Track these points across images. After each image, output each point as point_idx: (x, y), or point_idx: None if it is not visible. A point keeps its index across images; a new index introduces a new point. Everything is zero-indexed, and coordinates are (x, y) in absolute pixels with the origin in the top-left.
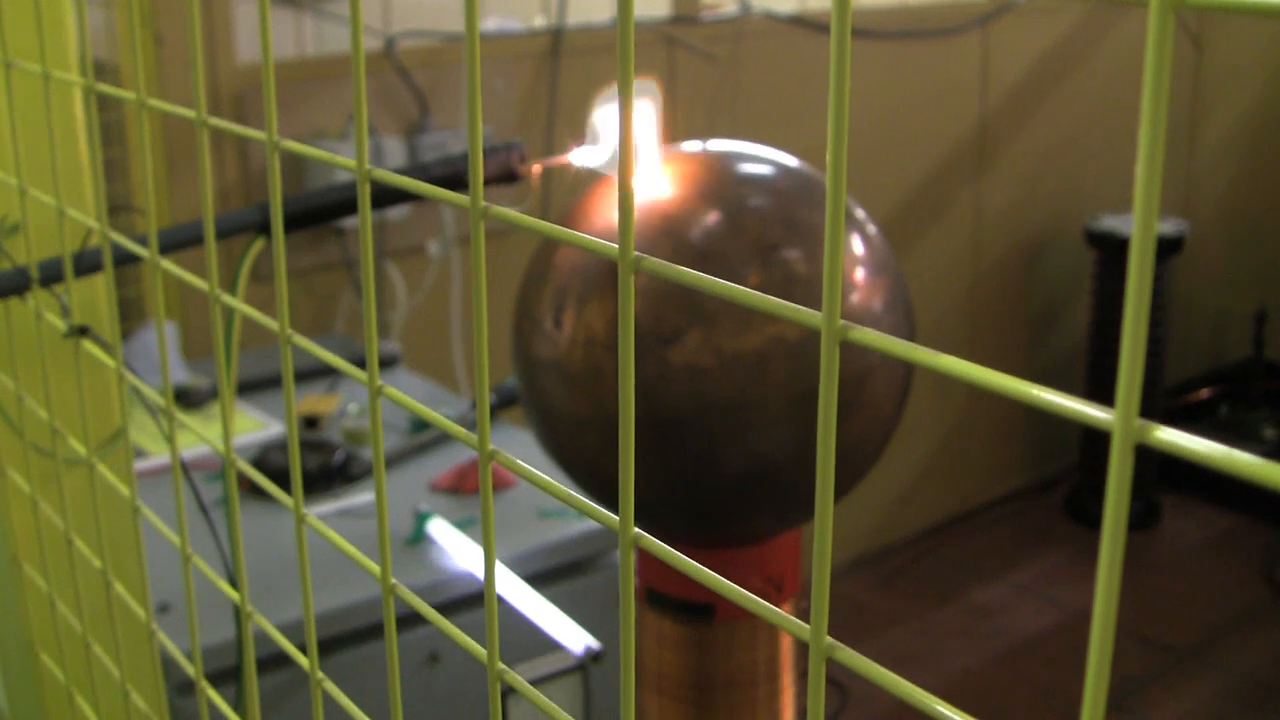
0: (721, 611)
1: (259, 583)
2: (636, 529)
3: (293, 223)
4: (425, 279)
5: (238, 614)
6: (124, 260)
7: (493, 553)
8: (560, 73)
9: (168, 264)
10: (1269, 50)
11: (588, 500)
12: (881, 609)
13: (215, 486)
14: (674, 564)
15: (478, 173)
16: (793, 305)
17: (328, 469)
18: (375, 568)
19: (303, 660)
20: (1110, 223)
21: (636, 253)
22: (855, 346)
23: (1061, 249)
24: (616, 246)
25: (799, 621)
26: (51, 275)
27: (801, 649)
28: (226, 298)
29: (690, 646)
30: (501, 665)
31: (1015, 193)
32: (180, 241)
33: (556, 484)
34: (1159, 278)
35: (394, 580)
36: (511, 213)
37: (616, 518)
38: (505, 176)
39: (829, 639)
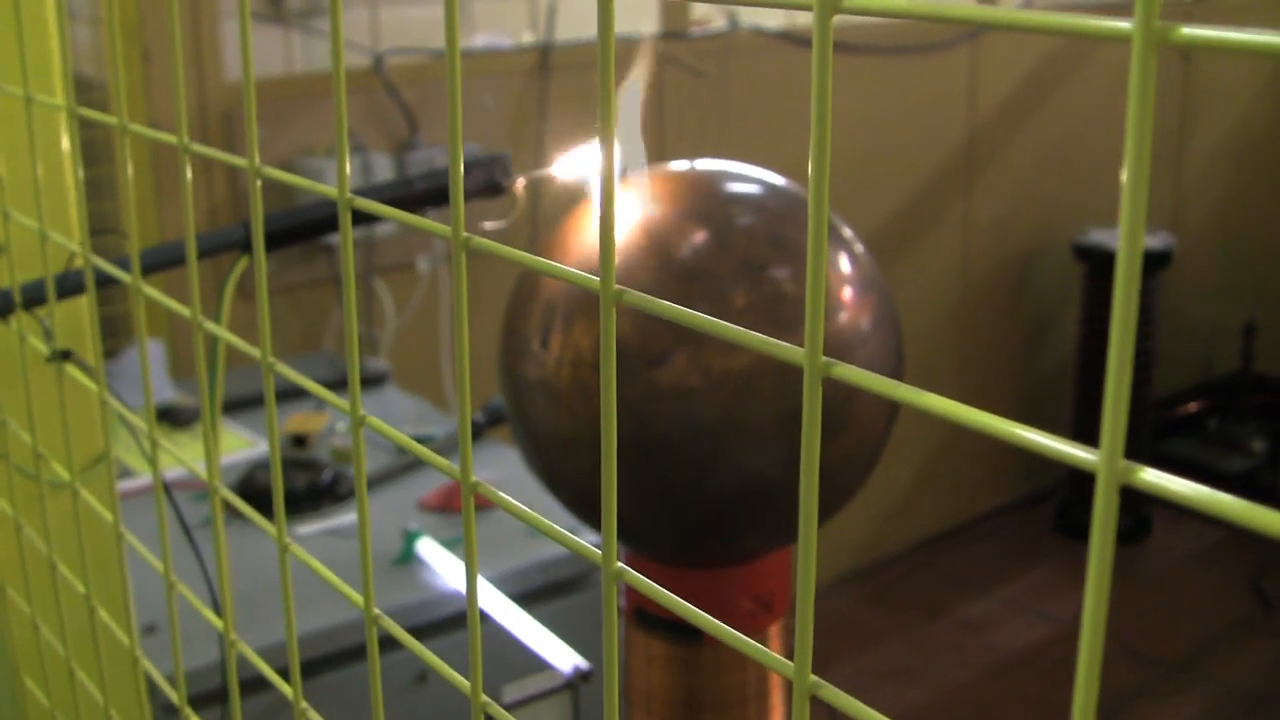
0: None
1: (248, 602)
2: (620, 564)
3: (276, 241)
4: (414, 296)
5: (223, 641)
6: (107, 282)
7: (475, 586)
8: (550, 88)
9: (150, 289)
10: (1256, 64)
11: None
12: (873, 624)
13: (204, 505)
14: (657, 599)
15: (458, 202)
16: (774, 341)
17: (316, 488)
18: (358, 597)
19: (286, 689)
20: (1098, 236)
21: (618, 286)
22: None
23: (1050, 262)
24: (598, 279)
25: (783, 659)
26: (34, 298)
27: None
28: (209, 325)
29: (679, 666)
30: (485, 698)
31: (1004, 206)
32: (163, 262)
33: (539, 517)
34: (1148, 291)
35: (377, 610)
36: (493, 244)
37: (599, 551)
38: (491, 190)
39: (813, 677)
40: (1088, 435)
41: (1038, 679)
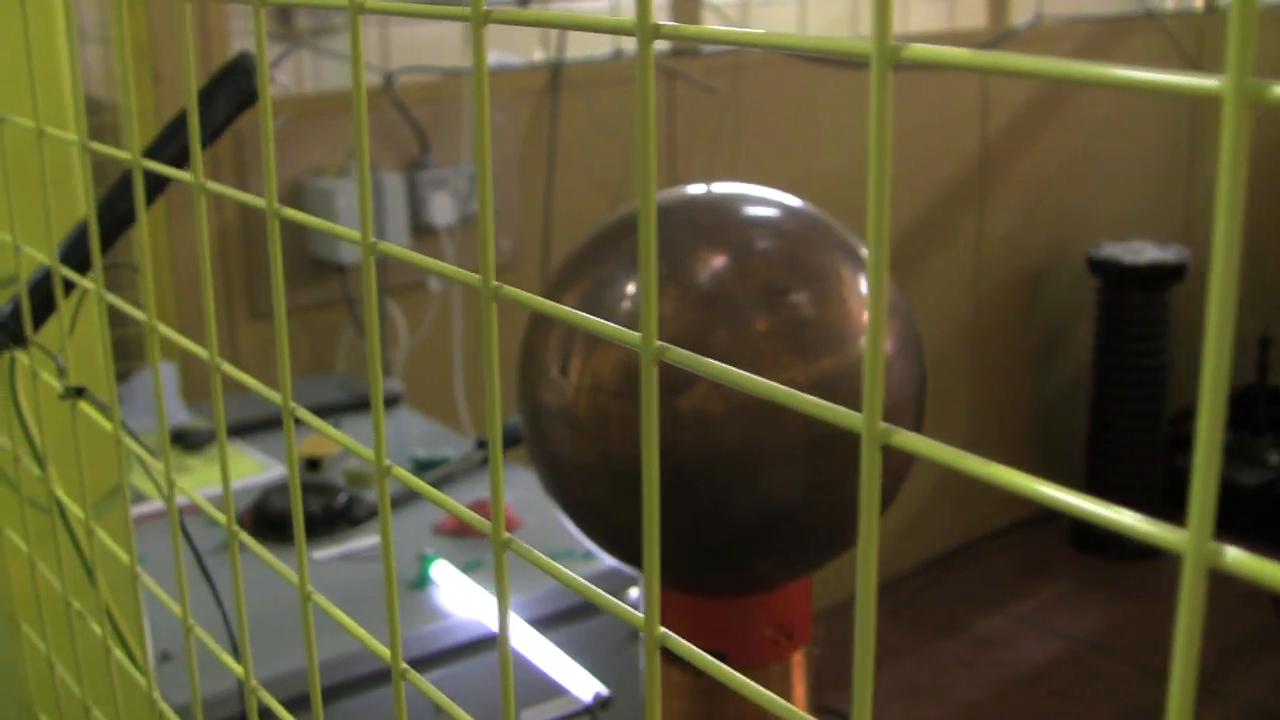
0: (732, 659)
1: (269, 626)
2: (663, 629)
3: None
4: (427, 315)
5: (241, 684)
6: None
7: (509, 649)
8: (561, 106)
9: (164, 328)
10: (1269, 75)
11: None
12: (888, 640)
13: (219, 529)
14: (685, 654)
15: (489, 251)
16: (834, 406)
17: (331, 512)
18: (385, 651)
19: None
20: (1112, 250)
21: (660, 343)
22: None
23: (1063, 276)
24: (639, 335)
25: (809, 718)
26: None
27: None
28: (227, 366)
29: (699, 695)
30: None
31: (1017, 220)
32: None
33: (575, 578)
34: (1162, 305)
35: (405, 665)
36: (523, 294)
37: (643, 616)
38: (248, 101)
39: None
40: (1100, 449)
41: (1050, 696)
